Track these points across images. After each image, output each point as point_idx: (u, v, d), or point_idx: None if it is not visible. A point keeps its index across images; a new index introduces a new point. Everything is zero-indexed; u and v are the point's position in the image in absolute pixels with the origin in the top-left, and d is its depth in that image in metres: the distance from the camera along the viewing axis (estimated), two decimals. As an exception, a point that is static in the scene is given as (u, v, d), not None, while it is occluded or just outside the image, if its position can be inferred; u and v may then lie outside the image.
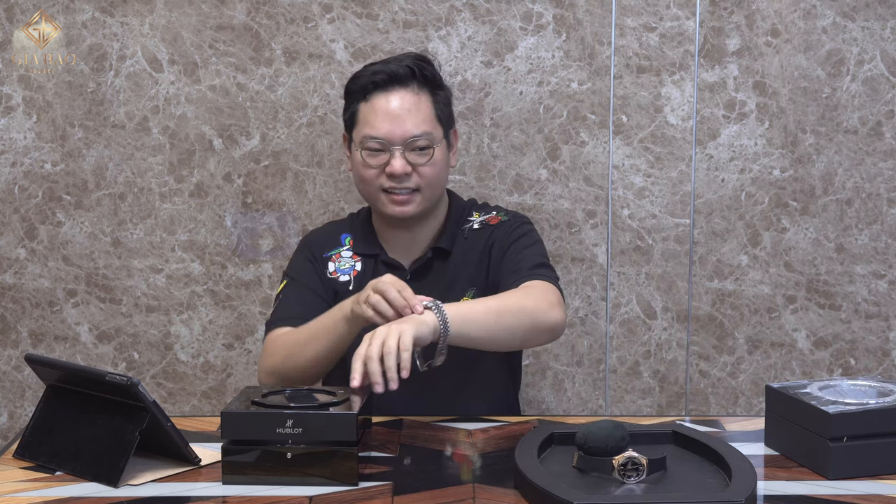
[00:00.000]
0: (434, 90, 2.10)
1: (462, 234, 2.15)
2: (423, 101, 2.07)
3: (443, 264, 2.13)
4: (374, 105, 2.06)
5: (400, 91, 2.06)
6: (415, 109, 2.05)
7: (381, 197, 2.08)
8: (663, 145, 2.70)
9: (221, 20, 2.67)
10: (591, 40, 2.67)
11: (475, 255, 2.13)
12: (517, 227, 2.15)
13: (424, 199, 2.08)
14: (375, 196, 2.10)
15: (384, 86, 2.06)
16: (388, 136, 2.04)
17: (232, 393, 2.76)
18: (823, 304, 2.74)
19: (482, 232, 2.15)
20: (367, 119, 2.07)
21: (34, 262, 2.74)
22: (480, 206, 2.24)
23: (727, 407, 2.77)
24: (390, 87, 2.06)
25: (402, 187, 2.06)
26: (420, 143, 2.05)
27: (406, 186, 2.06)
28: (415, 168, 2.05)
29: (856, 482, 1.56)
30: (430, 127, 2.07)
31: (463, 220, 2.18)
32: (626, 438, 1.59)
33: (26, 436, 1.69)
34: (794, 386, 1.71)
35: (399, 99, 2.06)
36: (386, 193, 2.07)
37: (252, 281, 2.75)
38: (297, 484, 1.55)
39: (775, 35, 2.67)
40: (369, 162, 2.06)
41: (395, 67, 2.07)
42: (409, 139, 2.04)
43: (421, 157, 2.05)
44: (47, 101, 2.70)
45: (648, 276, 2.74)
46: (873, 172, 2.71)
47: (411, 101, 2.06)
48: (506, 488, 1.54)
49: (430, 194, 2.09)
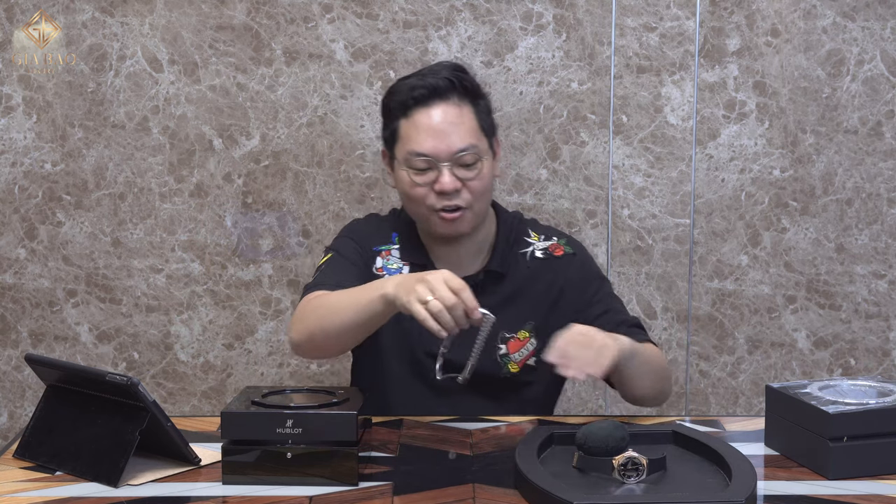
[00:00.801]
0: (475, 100, 2.02)
1: (522, 260, 2.07)
2: (465, 112, 1.99)
3: (497, 288, 2.04)
4: (415, 121, 1.98)
5: (441, 104, 1.98)
6: (458, 122, 1.97)
7: (432, 217, 2.00)
8: (663, 145, 2.70)
9: (221, 20, 2.67)
10: (591, 40, 2.67)
11: (539, 288, 2.05)
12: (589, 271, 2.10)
13: (475, 214, 2.01)
14: (426, 216, 2.01)
15: (424, 100, 1.98)
16: (433, 151, 1.96)
17: (232, 393, 2.76)
18: (823, 304, 2.74)
19: (547, 264, 2.07)
20: (409, 136, 1.98)
21: (34, 262, 2.74)
22: (529, 221, 2.16)
23: (727, 407, 2.77)
24: (431, 102, 1.98)
25: (451, 204, 1.97)
26: (467, 157, 1.97)
27: (455, 203, 1.97)
28: (464, 183, 1.97)
29: (856, 482, 1.56)
30: (475, 139, 1.98)
31: (518, 240, 2.10)
32: (626, 438, 1.59)
33: (26, 436, 1.69)
34: (794, 386, 1.71)
35: (441, 113, 1.97)
36: (435, 212, 1.99)
37: (252, 281, 2.75)
38: (297, 484, 1.55)
39: (775, 35, 2.67)
40: (417, 180, 1.98)
41: (434, 80, 1.99)
42: (456, 154, 1.96)
43: (469, 171, 1.97)
44: (47, 101, 2.70)
45: (648, 276, 2.74)
46: (873, 172, 2.71)
47: (454, 113, 1.98)
48: (506, 488, 1.54)
49: (479, 209, 2.02)
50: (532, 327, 2.04)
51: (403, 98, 1.99)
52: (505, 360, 2.03)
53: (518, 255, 2.07)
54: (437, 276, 1.73)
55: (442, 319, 1.70)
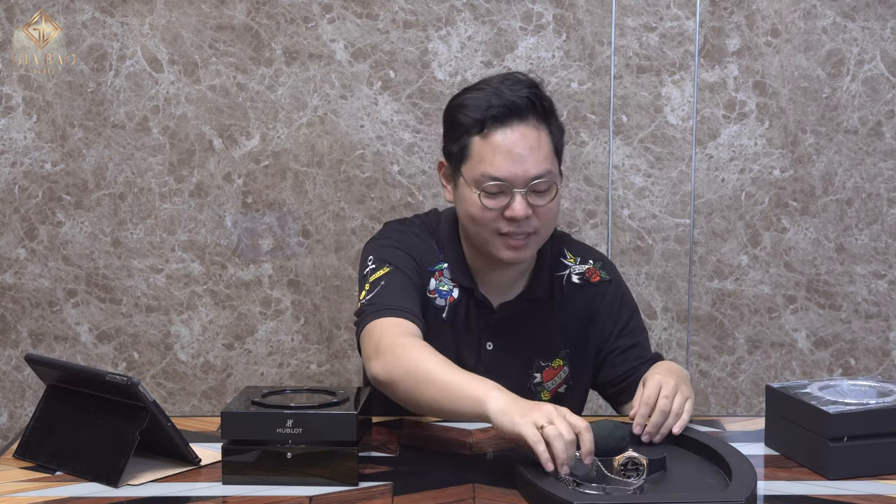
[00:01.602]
0: (550, 122, 1.88)
1: (559, 284, 1.98)
2: (542, 136, 1.86)
3: (533, 312, 1.96)
4: (492, 142, 1.84)
5: (520, 126, 1.84)
6: (536, 147, 1.84)
7: (495, 241, 1.88)
8: (663, 145, 2.70)
9: (221, 20, 2.67)
10: (591, 40, 2.67)
11: (575, 315, 1.98)
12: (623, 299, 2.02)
13: (539, 240, 1.90)
14: (489, 239, 1.89)
15: (502, 120, 1.84)
16: (510, 177, 1.83)
17: (232, 393, 2.76)
18: (823, 304, 2.74)
19: (583, 290, 1.99)
20: (483, 156, 1.84)
21: (34, 262, 2.74)
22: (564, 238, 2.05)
23: (727, 407, 2.77)
24: (509, 122, 1.84)
25: (520, 231, 1.86)
26: (542, 184, 1.84)
27: (525, 231, 1.86)
28: (534, 210, 1.85)
29: (856, 482, 1.56)
30: (550, 164, 1.86)
31: (556, 262, 2.00)
32: (626, 438, 1.59)
33: (26, 436, 1.69)
34: (794, 386, 1.71)
35: (521, 136, 1.84)
36: (501, 237, 1.87)
37: (252, 281, 2.74)
38: (297, 484, 1.55)
39: (775, 35, 2.67)
40: (488, 205, 1.85)
41: (513, 98, 1.84)
42: (532, 181, 1.83)
43: (541, 198, 1.85)
44: (47, 101, 2.70)
45: (648, 276, 2.74)
46: (873, 172, 2.71)
47: (533, 137, 1.84)
48: (506, 488, 1.54)
49: (545, 235, 1.91)
50: (566, 355, 2.00)
51: (479, 115, 1.85)
52: (538, 389, 2.00)
53: (555, 279, 1.99)
54: (559, 410, 1.57)
55: (556, 448, 1.51)
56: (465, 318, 1.94)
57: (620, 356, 1.97)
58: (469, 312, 1.94)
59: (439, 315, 1.93)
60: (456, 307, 1.94)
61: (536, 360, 1.98)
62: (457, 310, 1.93)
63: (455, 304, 1.94)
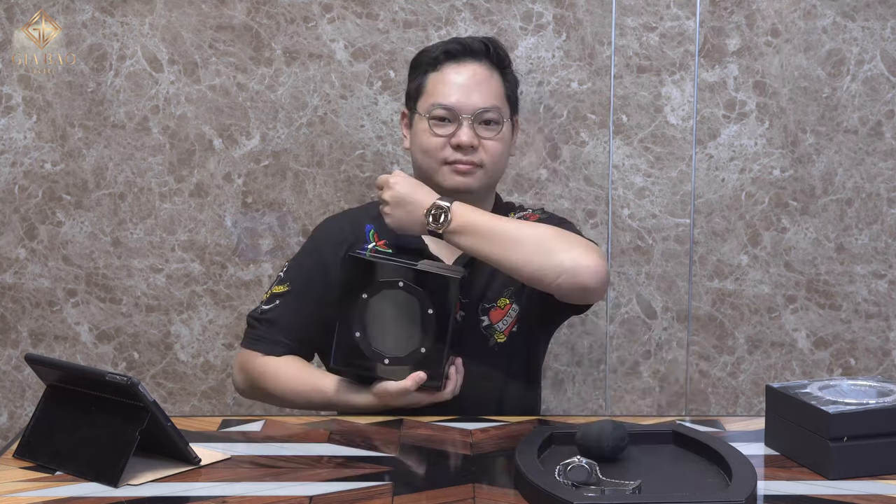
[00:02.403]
0: (504, 70, 2.06)
1: None
2: (494, 77, 2.03)
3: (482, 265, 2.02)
4: (445, 74, 2.02)
5: (473, 64, 2.02)
6: (486, 83, 2.01)
7: (443, 170, 2.00)
8: (663, 145, 2.70)
9: (221, 20, 2.67)
10: (591, 40, 2.67)
11: None
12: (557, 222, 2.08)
13: (486, 175, 2.02)
14: (436, 169, 2.01)
15: (457, 56, 2.02)
16: (457, 105, 1.99)
17: (232, 393, 2.76)
18: (823, 304, 2.74)
19: None
20: (436, 88, 2.01)
21: (34, 262, 2.74)
22: (511, 206, 2.17)
23: (727, 407, 2.77)
24: (463, 59, 2.02)
25: (466, 160, 1.99)
26: (489, 115, 2.00)
27: (471, 160, 1.99)
28: (481, 142, 1.99)
29: (856, 482, 1.56)
30: (499, 102, 2.02)
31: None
32: (626, 438, 1.59)
33: (26, 436, 1.69)
34: (794, 386, 1.71)
35: (472, 71, 2.01)
36: (448, 165, 2.00)
37: (252, 281, 2.74)
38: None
39: (775, 35, 2.67)
40: (436, 131, 2.00)
41: (470, 41, 2.04)
42: (479, 111, 1.99)
43: (488, 130, 2.00)
44: (47, 101, 2.70)
45: (648, 276, 2.74)
46: (873, 172, 2.71)
47: (483, 74, 2.02)
48: (506, 488, 1.54)
49: (492, 171, 2.02)
50: (511, 293, 2.04)
51: (437, 53, 2.03)
52: (490, 331, 2.03)
53: None
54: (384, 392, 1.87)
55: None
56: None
57: None
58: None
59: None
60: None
61: (481, 303, 2.03)
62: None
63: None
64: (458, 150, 1.99)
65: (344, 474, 1.59)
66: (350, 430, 1.82)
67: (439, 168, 2.01)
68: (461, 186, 2.00)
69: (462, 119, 1.98)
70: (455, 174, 1.99)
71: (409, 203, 1.88)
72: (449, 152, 1.99)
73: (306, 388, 1.99)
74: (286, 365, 2.05)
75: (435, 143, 2.00)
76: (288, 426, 1.87)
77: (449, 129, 1.99)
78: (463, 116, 1.98)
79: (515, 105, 2.10)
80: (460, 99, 1.99)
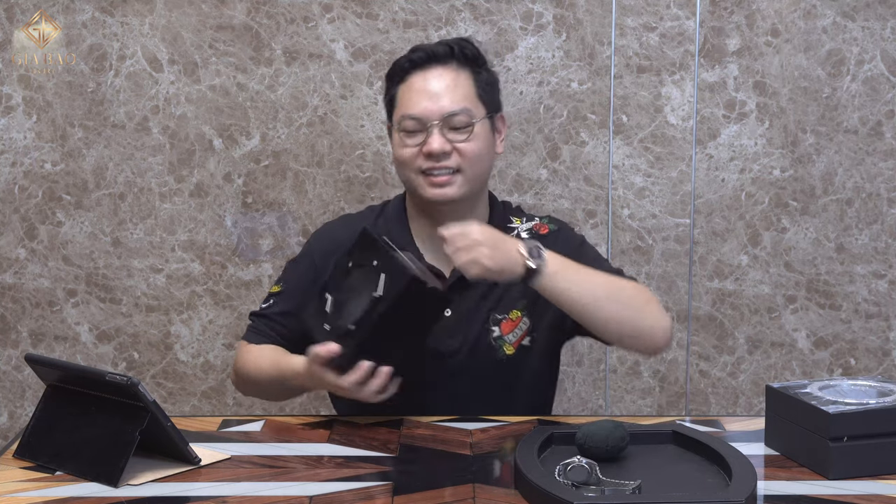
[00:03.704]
0: (476, 69, 2.01)
1: None
2: (462, 77, 1.98)
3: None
4: (411, 84, 1.97)
5: (438, 69, 1.97)
6: (453, 85, 1.96)
7: (419, 180, 1.96)
8: (663, 145, 2.70)
9: (221, 20, 2.67)
10: (591, 40, 2.67)
11: None
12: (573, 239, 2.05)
13: (467, 179, 1.96)
14: (414, 180, 1.97)
15: (422, 64, 1.97)
16: (424, 113, 1.94)
17: (232, 393, 2.76)
18: (823, 304, 2.74)
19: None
20: (403, 99, 1.97)
21: (34, 262, 2.74)
22: (515, 209, 2.12)
23: (727, 407, 2.78)
24: (428, 66, 1.97)
25: (441, 167, 1.93)
26: (458, 119, 1.94)
27: (446, 166, 1.93)
28: (454, 146, 1.94)
29: (856, 482, 1.56)
30: (469, 103, 1.96)
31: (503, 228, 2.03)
32: (626, 438, 1.59)
33: (26, 436, 1.69)
34: (794, 386, 1.71)
35: (437, 76, 1.97)
36: (424, 175, 1.95)
37: (252, 281, 2.74)
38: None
39: (775, 35, 2.67)
40: (407, 142, 1.95)
41: (434, 47, 1.99)
42: (447, 115, 1.93)
43: (460, 134, 1.94)
44: (47, 101, 2.70)
45: (648, 276, 2.74)
46: (873, 172, 2.71)
47: (450, 77, 1.97)
48: (506, 488, 1.54)
49: (472, 174, 1.96)
50: (524, 306, 2.01)
51: (402, 64, 1.99)
52: (499, 343, 2.00)
53: None
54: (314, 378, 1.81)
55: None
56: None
57: None
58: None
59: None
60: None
61: (492, 313, 2.00)
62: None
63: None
64: (430, 157, 1.94)
65: (344, 474, 1.59)
66: (350, 431, 1.82)
67: (417, 179, 1.97)
68: (440, 197, 1.96)
69: (430, 126, 1.93)
70: (433, 186, 1.95)
71: (504, 241, 1.81)
72: (423, 161, 1.94)
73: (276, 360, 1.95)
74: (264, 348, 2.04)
75: (408, 153, 1.96)
76: (288, 426, 1.87)
77: (420, 139, 1.95)
78: (431, 124, 1.93)
79: (494, 102, 2.03)
80: (427, 106, 1.94)
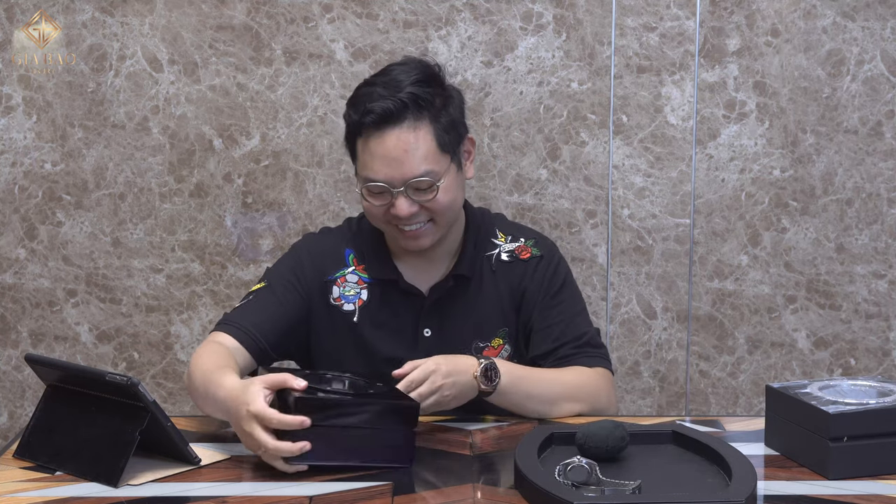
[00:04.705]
0: (434, 116, 1.90)
1: (488, 263, 2.01)
2: (421, 135, 1.88)
3: (467, 294, 1.99)
4: (369, 147, 1.89)
5: (394, 131, 1.87)
6: (412, 149, 1.87)
7: (392, 231, 1.95)
8: (663, 145, 2.70)
9: (221, 20, 2.67)
10: (591, 40, 2.67)
11: (506, 292, 2.00)
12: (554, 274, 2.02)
13: (440, 227, 1.94)
14: (386, 230, 1.97)
15: (377, 126, 1.88)
16: (387, 180, 1.88)
17: (232, 393, 2.75)
18: (823, 304, 2.74)
19: (513, 267, 2.01)
20: (364, 161, 1.91)
21: (34, 262, 2.74)
22: (497, 219, 2.08)
23: (727, 407, 2.77)
24: (384, 128, 1.87)
25: (412, 223, 1.91)
26: (422, 181, 1.88)
27: (417, 221, 1.91)
28: (421, 205, 1.90)
29: (856, 482, 1.56)
30: (431, 164, 1.89)
31: (486, 242, 2.02)
32: (626, 438, 1.59)
33: (26, 436, 1.69)
34: (794, 386, 1.71)
35: (395, 140, 1.87)
36: (397, 229, 1.93)
37: (252, 281, 2.74)
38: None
39: (775, 35, 2.67)
40: (374, 202, 1.92)
41: (385, 105, 1.87)
42: (410, 181, 1.88)
43: (425, 195, 1.89)
44: (47, 101, 2.70)
45: (648, 276, 2.74)
46: (873, 172, 2.71)
47: (408, 140, 1.87)
48: (506, 488, 1.54)
49: (445, 221, 1.94)
50: (505, 334, 2.01)
51: (358, 118, 1.90)
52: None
53: (484, 259, 2.01)
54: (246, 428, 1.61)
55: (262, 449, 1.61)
56: (392, 313, 1.98)
57: (541, 334, 1.98)
58: (396, 305, 1.98)
59: (349, 319, 1.98)
60: (371, 307, 1.98)
61: (475, 341, 2.00)
62: (375, 308, 1.98)
63: (366, 305, 1.99)
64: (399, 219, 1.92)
65: (344, 474, 1.59)
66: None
67: (389, 229, 1.96)
68: (416, 248, 1.95)
69: (394, 192, 1.88)
70: (407, 239, 1.94)
71: (460, 370, 1.82)
72: (392, 218, 1.92)
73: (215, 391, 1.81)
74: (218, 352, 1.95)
75: (376, 211, 1.93)
76: (288, 426, 1.86)
77: (386, 199, 1.91)
78: (395, 190, 1.88)
79: (457, 137, 1.95)
80: (388, 173, 1.87)
